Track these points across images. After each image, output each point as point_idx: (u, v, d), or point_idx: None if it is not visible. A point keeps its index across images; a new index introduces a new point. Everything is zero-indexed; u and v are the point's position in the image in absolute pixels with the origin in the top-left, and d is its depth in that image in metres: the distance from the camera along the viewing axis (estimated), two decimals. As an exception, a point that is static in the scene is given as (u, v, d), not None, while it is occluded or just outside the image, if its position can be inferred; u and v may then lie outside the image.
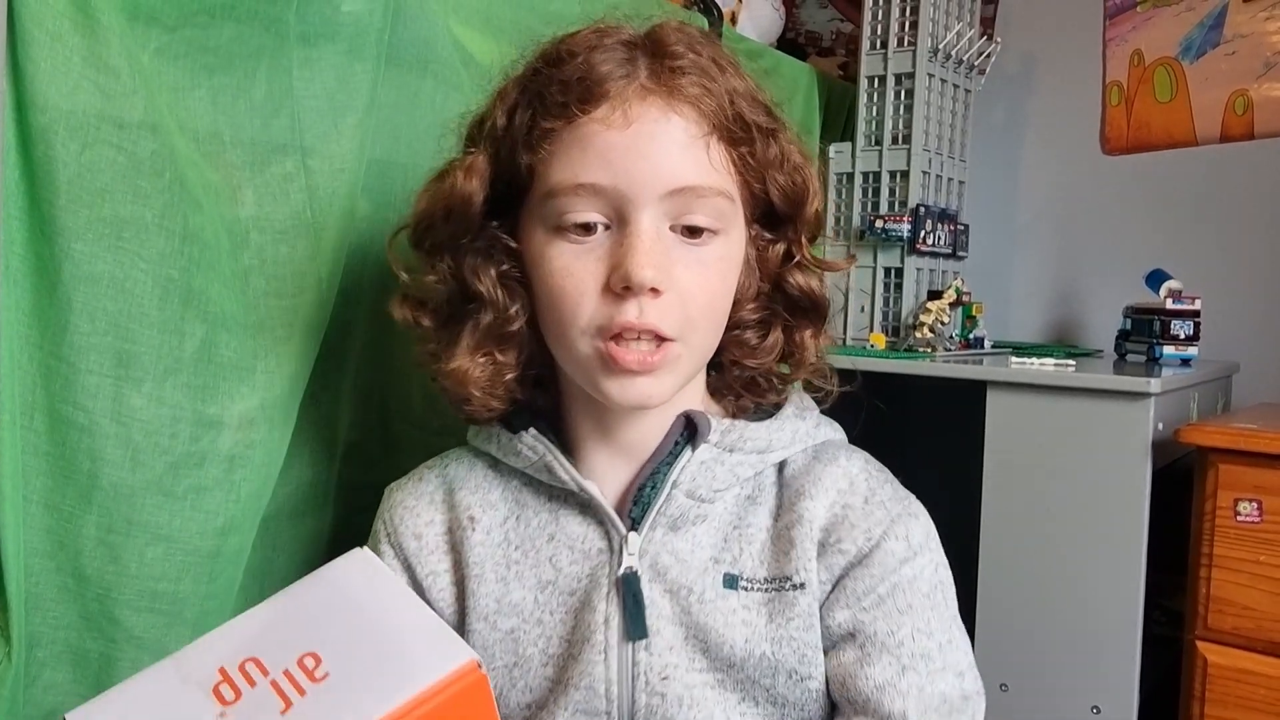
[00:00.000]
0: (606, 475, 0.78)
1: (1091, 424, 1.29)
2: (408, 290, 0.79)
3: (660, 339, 0.70)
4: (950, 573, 0.78)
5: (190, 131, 0.78)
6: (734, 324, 0.78)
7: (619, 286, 0.68)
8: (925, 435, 1.59)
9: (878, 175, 1.66)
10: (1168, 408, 1.31)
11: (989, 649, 1.38)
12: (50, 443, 0.73)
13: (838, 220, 1.70)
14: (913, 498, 0.79)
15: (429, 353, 0.78)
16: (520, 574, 0.77)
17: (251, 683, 0.47)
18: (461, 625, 0.78)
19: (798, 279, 0.79)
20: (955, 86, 1.71)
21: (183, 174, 0.76)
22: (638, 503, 0.75)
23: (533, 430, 0.78)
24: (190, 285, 0.77)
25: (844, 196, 1.70)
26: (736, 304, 0.77)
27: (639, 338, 0.69)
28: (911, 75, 1.62)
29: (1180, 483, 1.30)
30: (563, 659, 0.75)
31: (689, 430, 0.77)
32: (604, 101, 0.68)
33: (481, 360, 0.75)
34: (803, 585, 0.73)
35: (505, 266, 0.75)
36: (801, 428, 0.80)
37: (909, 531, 0.75)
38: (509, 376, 0.77)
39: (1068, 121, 1.95)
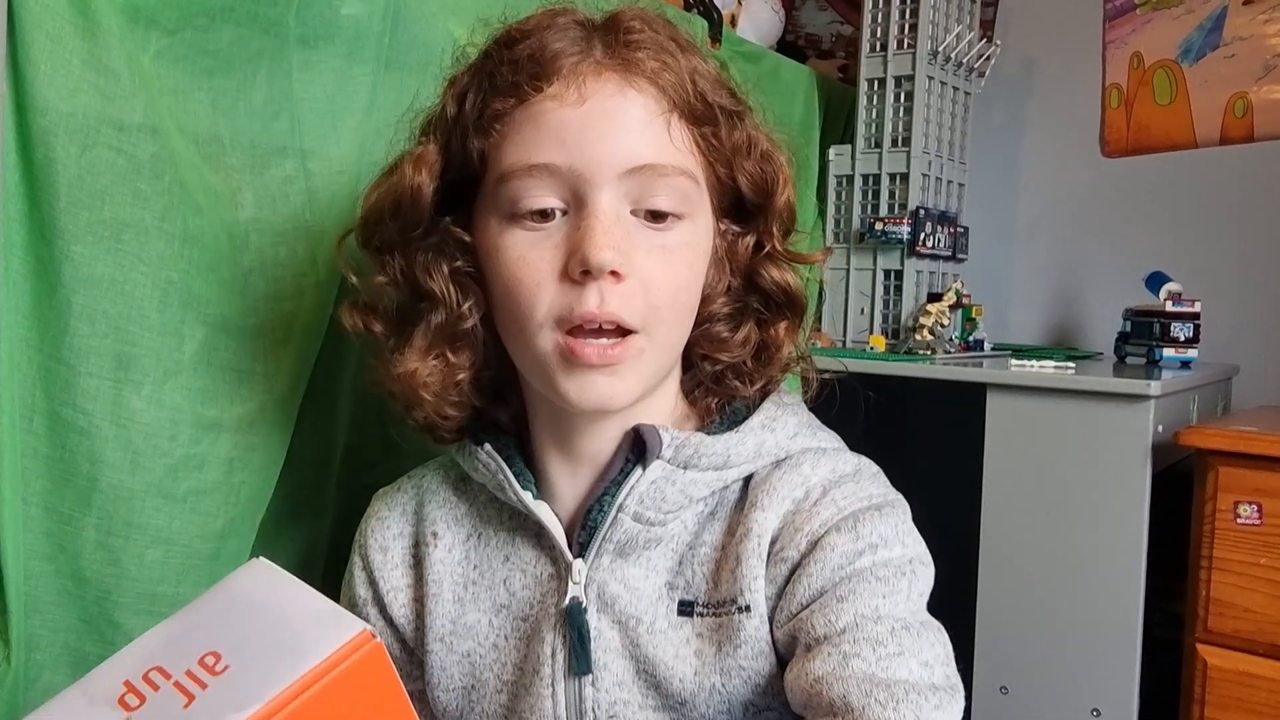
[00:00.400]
0: (565, 492, 0.73)
1: (1091, 426, 1.29)
2: (357, 296, 0.74)
3: (622, 331, 0.65)
4: (928, 571, 0.68)
5: (190, 134, 0.78)
6: (703, 318, 0.72)
7: (577, 271, 0.63)
8: (925, 438, 1.59)
9: (877, 178, 1.66)
10: (1167, 410, 1.31)
11: (989, 651, 1.38)
12: (50, 445, 0.73)
13: (837, 223, 1.70)
14: (888, 496, 0.71)
15: (381, 362, 0.73)
16: (476, 595, 0.74)
17: (155, 688, 0.47)
18: (421, 644, 0.76)
19: (770, 272, 0.74)
20: (955, 89, 1.71)
21: (183, 176, 0.76)
22: (584, 527, 0.70)
23: (488, 445, 0.72)
24: (190, 288, 0.77)
25: (844, 199, 1.70)
26: (706, 299, 0.72)
27: (600, 330, 0.64)
28: (911, 78, 1.62)
29: (1180, 485, 1.30)
30: (515, 687, 0.72)
31: (638, 445, 0.70)
32: (557, 78, 0.64)
33: (433, 362, 0.70)
34: (748, 608, 0.66)
35: (458, 262, 0.70)
36: (769, 440, 0.71)
37: (861, 526, 0.66)
38: (461, 377, 0.71)
39: (1067, 124, 1.95)
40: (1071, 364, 1.40)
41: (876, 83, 1.66)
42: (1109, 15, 1.91)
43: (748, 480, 0.71)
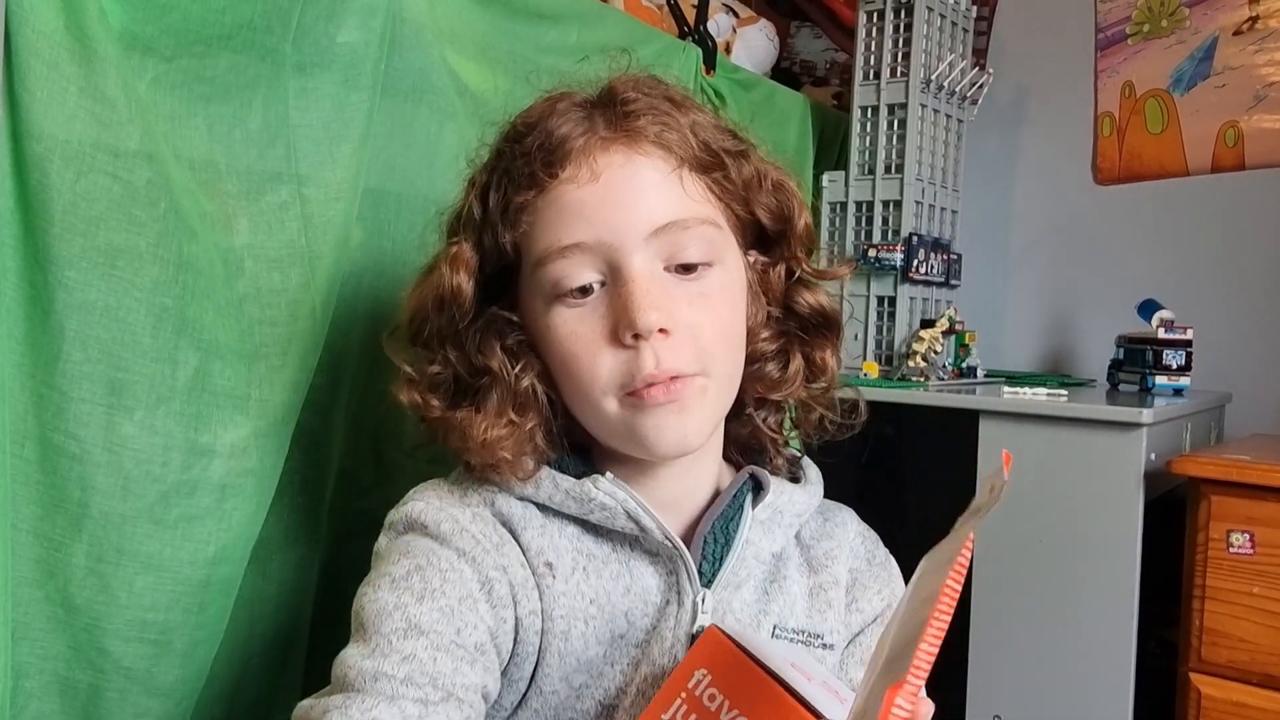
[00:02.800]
0: (677, 529, 0.74)
1: (1084, 454, 1.29)
2: (411, 376, 0.76)
3: (682, 376, 0.68)
4: None
5: (186, 160, 0.79)
6: (752, 357, 0.76)
7: (627, 337, 0.67)
8: (918, 464, 1.59)
9: (871, 204, 1.66)
10: (1160, 438, 1.31)
11: (982, 679, 1.38)
12: (41, 471, 0.73)
13: (831, 249, 1.70)
14: (891, 557, 0.83)
15: (439, 430, 0.74)
16: (597, 629, 0.71)
17: None
18: (532, 668, 0.71)
19: (805, 297, 0.79)
20: (948, 116, 1.72)
21: (178, 202, 0.76)
22: (706, 557, 0.73)
23: (610, 475, 0.73)
24: (184, 314, 0.77)
25: (837, 225, 1.70)
26: (750, 334, 0.76)
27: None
28: (904, 105, 1.63)
29: (1174, 513, 1.30)
30: (612, 709, 0.71)
31: (751, 486, 0.77)
32: (569, 161, 0.68)
33: (503, 423, 0.71)
34: (832, 646, 0.76)
35: (509, 340, 0.74)
36: (815, 492, 0.81)
37: (896, 592, 0.79)
38: (537, 438, 0.73)
39: (1060, 151, 1.96)
40: (1064, 391, 1.41)
41: (870, 110, 1.67)
42: (1100, 45, 1.92)
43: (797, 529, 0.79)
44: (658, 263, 0.69)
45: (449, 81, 1.03)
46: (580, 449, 0.76)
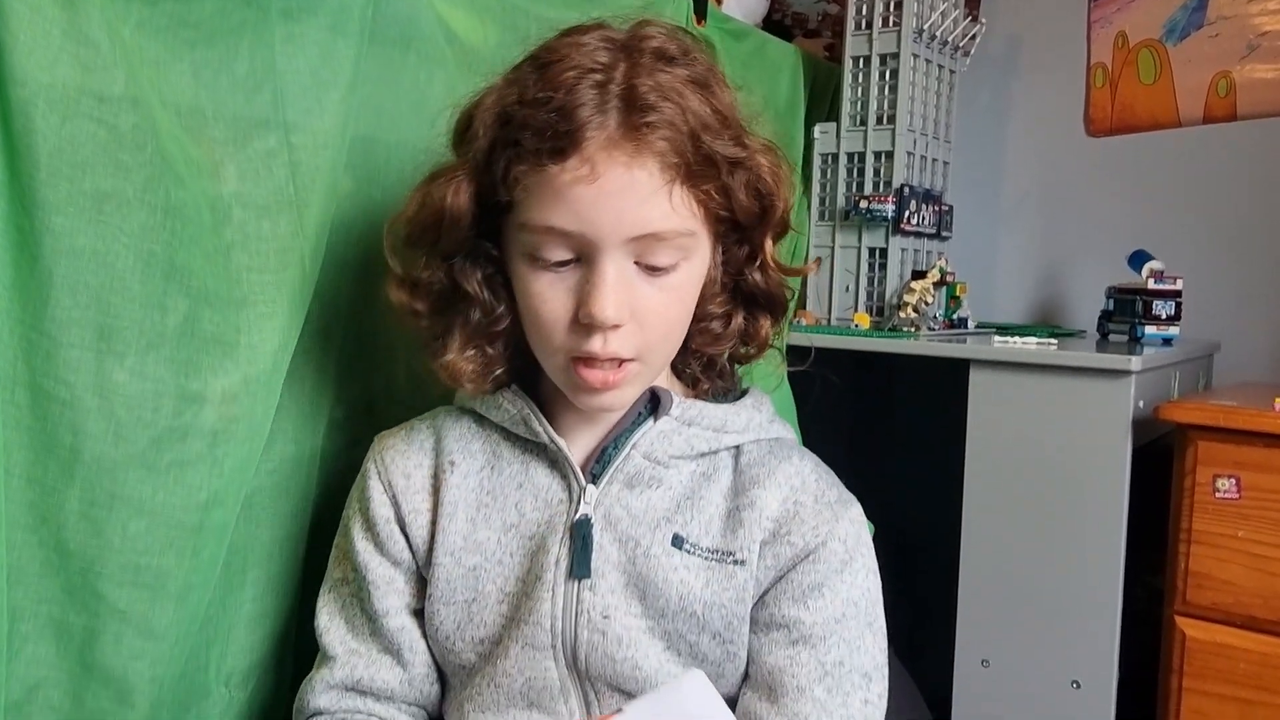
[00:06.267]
0: (575, 437, 0.84)
1: (1073, 402, 1.30)
2: (402, 278, 0.84)
3: (622, 361, 0.77)
4: (878, 579, 0.84)
5: (172, 106, 0.78)
6: (699, 316, 0.84)
7: (585, 320, 0.75)
8: (909, 413, 1.60)
9: (862, 156, 1.66)
10: (1149, 386, 1.32)
11: (970, 625, 1.39)
12: (32, 417, 0.73)
13: (823, 201, 1.70)
14: (855, 502, 0.85)
15: (422, 336, 0.85)
16: (488, 516, 0.83)
17: None
18: (429, 561, 0.84)
19: (758, 279, 0.85)
20: (940, 67, 1.72)
21: (164, 148, 0.76)
22: (599, 461, 0.82)
23: (514, 387, 0.85)
24: (172, 260, 0.77)
25: (829, 177, 1.70)
26: (702, 299, 0.83)
27: (604, 361, 0.77)
28: (896, 56, 1.63)
29: (1161, 462, 1.32)
30: (516, 597, 0.81)
31: (653, 403, 0.84)
32: (573, 153, 0.72)
33: (470, 353, 0.82)
34: (743, 562, 0.80)
35: (490, 271, 0.81)
36: (756, 418, 0.86)
37: (848, 534, 0.82)
38: (499, 371, 0.84)
39: (1052, 103, 1.95)
40: (1054, 341, 1.41)
41: (862, 61, 1.66)
42: (1094, -6, 1.91)
43: (736, 455, 0.85)
44: (629, 260, 0.76)
45: (437, 29, 1.03)
46: (526, 354, 0.85)
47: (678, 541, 0.80)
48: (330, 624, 0.87)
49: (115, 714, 0.80)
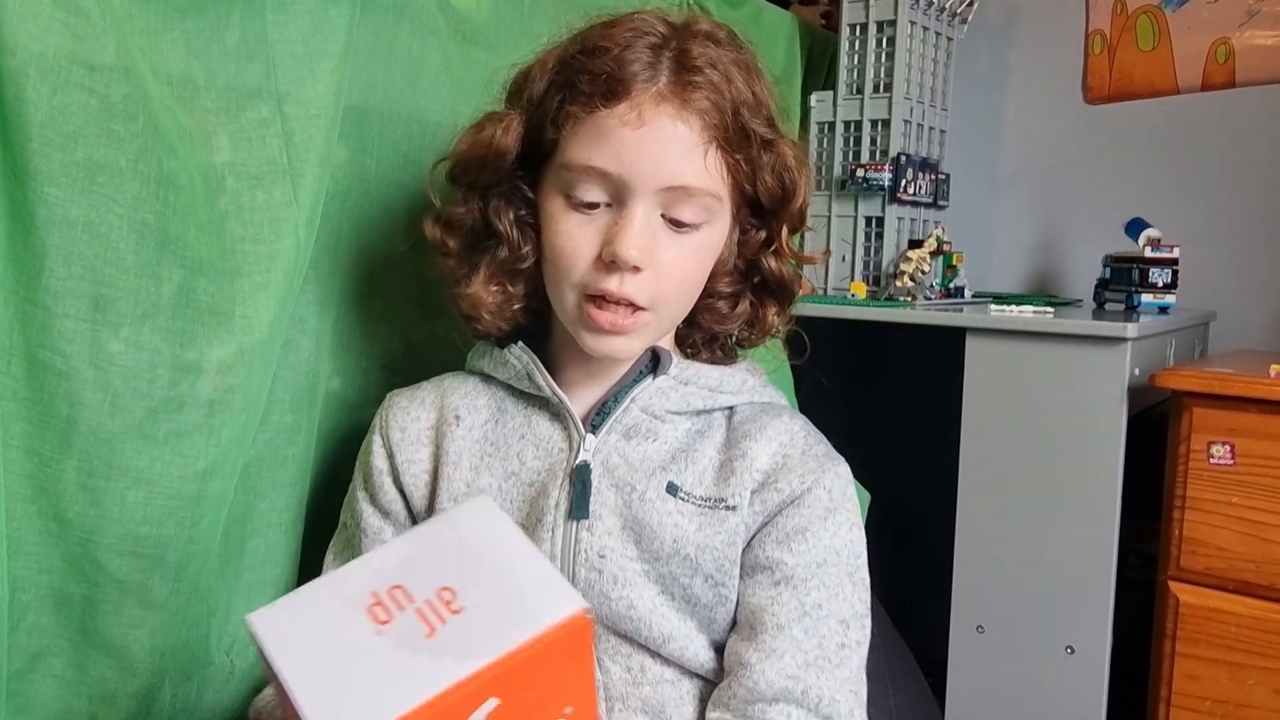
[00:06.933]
0: (578, 393, 0.89)
1: (1069, 370, 1.30)
2: (439, 213, 0.89)
3: (635, 307, 0.81)
4: (863, 535, 0.87)
5: (163, 76, 0.78)
6: (709, 293, 0.89)
7: (608, 259, 0.79)
8: (905, 382, 1.60)
9: (859, 124, 1.65)
10: (1144, 353, 1.32)
11: (966, 591, 1.40)
12: (28, 388, 0.73)
13: (819, 169, 1.70)
14: (843, 461, 0.89)
15: (448, 271, 0.89)
16: (491, 465, 0.87)
17: (400, 608, 0.53)
18: (431, 508, 0.88)
19: (772, 264, 0.90)
20: (937, 34, 1.71)
21: (156, 118, 0.75)
22: (599, 414, 0.87)
23: (520, 344, 0.89)
24: (166, 230, 0.77)
25: (825, 145, 1.69)
26: (713, 276, 0.88)
27: (616, 304, 0.81)
28: (893, 23, 1.62)
29: (1156, 431, 1.32)
30: None
31: (653, 362, 0.88)
32: (624, 100, 0.78)
33: (494, 289, 0.87)
34: (734, 508, 0.84)
35: (523, 212, 0.86)
36: (750, 381, 0.91)
37: (833, 486, 0.86)
38: (516, 307, 0.88)
39: (1050, 70, 1.94)
40: (1050, 309, 1.41)
41: (859, 28, 1.65)
42: (1093, -40, 1.90)
43: (730, 416, 0.89)
44: (657, 210, 0.81)
45: (430, -3, 1.02)
46: (540, 312, 0.91)
47: (672, 489, 0.84)
48: (332, 564, 0.92)
49: (117, 682, 0.81)
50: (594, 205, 0.81)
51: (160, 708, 0.85)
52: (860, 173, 1.61)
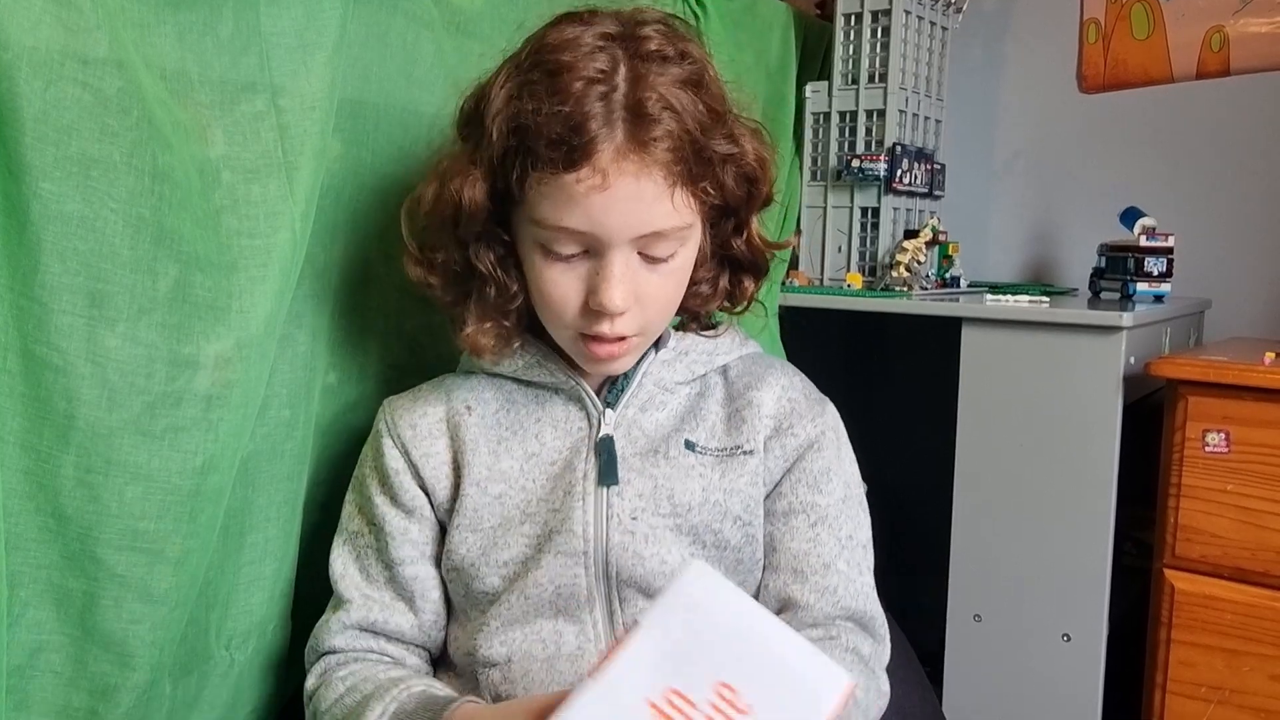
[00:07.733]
0: (585, 377, 0.92)
1: (1065, 359, 1.31)
2: (419, 256, 0.90)
3: (627, 337, 0.85)
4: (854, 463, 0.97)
5: (157, 69, 0.77)
6: (691, 282, 0.91)
7: (595, 307, 0.82)
8: (902, 372, 1.60)
9: (854, 114, 1.65)
10: (1140, 342, 1.33)
11: (963, 580, 1.41)
12: (25, 384, 0.73)
13: (814, 160, 1.70)
14: (828, 399, 0.98)
15: (439, 305, 0.92)
16: (509, 448, 0.91)
17: (686, 716, 0.52)
18: (456, 493, 0.90)
19: (744, 246, 0.93)
20: (932, 24, 1.71)
21: (151, 112, 0.75)
22: (611, 391, 0.92)
23: (527, 335, 0.92)
24: (161, 224, 0.76)
25: (820, 136, 1.69)
26: (693, 270, 0.91)
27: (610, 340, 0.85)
28: (888, 12, 1.61)
29: (1151, 420, 1.32)
30: (541, 515, 0.88)
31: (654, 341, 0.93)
32: (585, 164, 0.78)
33: (488, 327, 0.89)
34: (752, 451, 0.91)
35: (503, 253, 0.87)
36: (735, 337, 0.98)
37: (835, 424, 0.96)
38: (516, 344, 0.91)
39: (1045, 59, 1.94)
40: (1046, 298, 1.41)
41: (854, 18, 1.65)
42: (1087, -52, 1.89)
43: (725, 373, 0.96)
44: (633, 253, 0.83)
45: (424, -11, 1.02)
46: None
47: (690, 445, 0.91)
48: (345, 571, 0.93)
49: (117, 677, 0.80)
50: (572, 255, 0.83)
51: (160, 702, 0.85)
52: (856, 163, 1.61)
